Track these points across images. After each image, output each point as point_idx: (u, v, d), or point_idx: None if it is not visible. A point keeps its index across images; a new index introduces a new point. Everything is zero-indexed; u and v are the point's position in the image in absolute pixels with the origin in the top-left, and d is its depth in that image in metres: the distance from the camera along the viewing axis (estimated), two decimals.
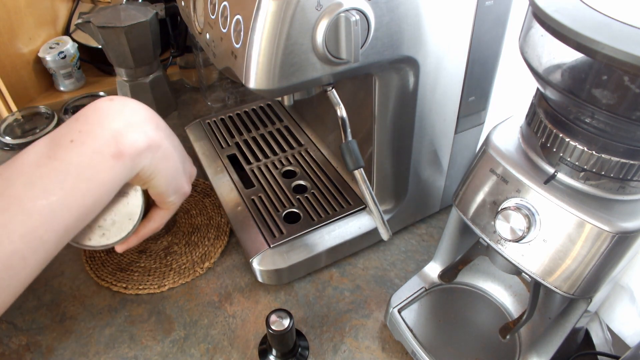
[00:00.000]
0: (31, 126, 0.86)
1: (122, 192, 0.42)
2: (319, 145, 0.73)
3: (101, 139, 0.36)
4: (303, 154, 0.72)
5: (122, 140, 0.36)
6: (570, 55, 0.32)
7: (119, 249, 0.45)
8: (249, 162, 0.71)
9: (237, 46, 0.40)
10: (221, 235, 0.65)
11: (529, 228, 0.37)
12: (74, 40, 0.94)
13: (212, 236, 0.65)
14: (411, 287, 0.53)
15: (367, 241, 0.63)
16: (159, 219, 0.46)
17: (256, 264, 0.56)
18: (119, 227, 0.43)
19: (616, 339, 0.51)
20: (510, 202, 0.38)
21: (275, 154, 0.72)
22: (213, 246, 0.64)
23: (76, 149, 0.35)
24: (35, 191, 0.33)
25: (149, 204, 0.45)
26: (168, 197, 0.43)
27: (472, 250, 0.47)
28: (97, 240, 0.42)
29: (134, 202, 0.42)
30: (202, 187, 0.72)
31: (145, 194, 0.43)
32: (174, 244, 0.65)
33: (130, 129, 0.37)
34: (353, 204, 0.63)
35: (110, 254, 0.63)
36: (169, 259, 0.62)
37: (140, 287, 0.59)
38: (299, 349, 0.52)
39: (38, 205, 0.33)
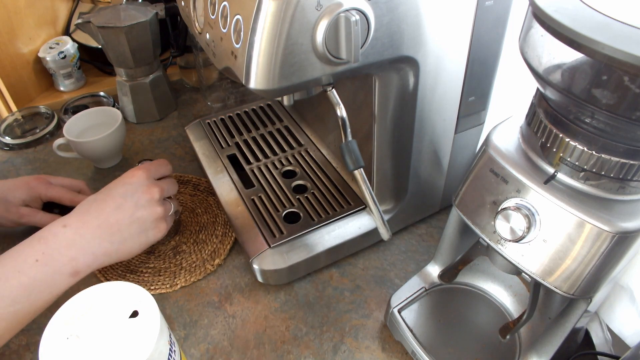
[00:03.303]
0: (31, 126, 0.86)
1: None
2: (319, 145, 0.73)
3: (59, 262, 0.46)
4: (303, 154, 0.72)
5: (78, 265, 0.47)
6: (570, 55, 0.31)
7: None
8: (249, 162, 0.71)
9: (237, 46, 0.39)
10: (228, 232, 0.65)
11: (529, 228, 0.37)
12: (74, 40, 0.94)
13: (219, 233, 0.65)
14: (411, 287, 0.53)
15: (367, 241, 0.63)
16: None
17: (256, 264, 0.56)
18: None
19: (616, 339, 0.51)
20: (510, 202, 0.38)
21: (275, 154, 0.72)
22: (222, 243, 0.64)
23: (40, 267, 0.45)
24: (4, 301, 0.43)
25: None
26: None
27: (472, 250, 0.47)
28: None
29: None
30: (204, 186, 0.72)
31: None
32: (182, 243, 0.65)
33: (83, 257, 0.48)
34: (353, 204, 0.63)
35: None
36: (179, 258, 0.62)
37: (152, 288, 0.59)
38: None
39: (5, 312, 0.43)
